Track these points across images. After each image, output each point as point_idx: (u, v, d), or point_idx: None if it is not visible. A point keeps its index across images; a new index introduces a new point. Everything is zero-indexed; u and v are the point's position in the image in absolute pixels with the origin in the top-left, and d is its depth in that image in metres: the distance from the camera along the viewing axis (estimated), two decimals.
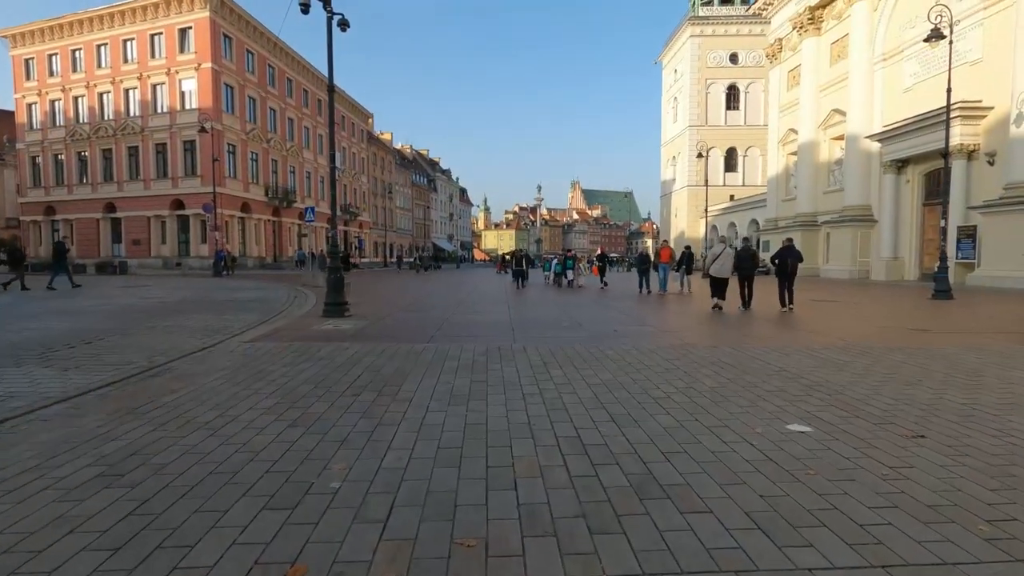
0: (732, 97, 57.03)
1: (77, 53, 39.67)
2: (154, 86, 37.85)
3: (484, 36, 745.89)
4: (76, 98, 40.15)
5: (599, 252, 28.76)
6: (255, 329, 8.57)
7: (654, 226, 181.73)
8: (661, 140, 67.16)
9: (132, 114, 38.61)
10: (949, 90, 16.43)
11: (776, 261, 12.75)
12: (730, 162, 57.19)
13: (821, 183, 33.33)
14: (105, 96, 39.36)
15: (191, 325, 9.03)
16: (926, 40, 16.52)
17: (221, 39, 37.25)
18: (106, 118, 39.35)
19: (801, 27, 33.88)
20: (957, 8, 23.65)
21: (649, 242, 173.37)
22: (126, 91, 38.61)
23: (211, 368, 5.72)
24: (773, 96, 39.80)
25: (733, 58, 56.38)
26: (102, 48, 38.93)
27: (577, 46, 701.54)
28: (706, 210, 35.23)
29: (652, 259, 18.01)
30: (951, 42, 16.59)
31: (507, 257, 24.66)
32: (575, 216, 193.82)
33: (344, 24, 10.21)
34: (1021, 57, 20.29)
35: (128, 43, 38.26)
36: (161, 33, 37.19)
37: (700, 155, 35.81)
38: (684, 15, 58.91)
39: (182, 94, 37.23)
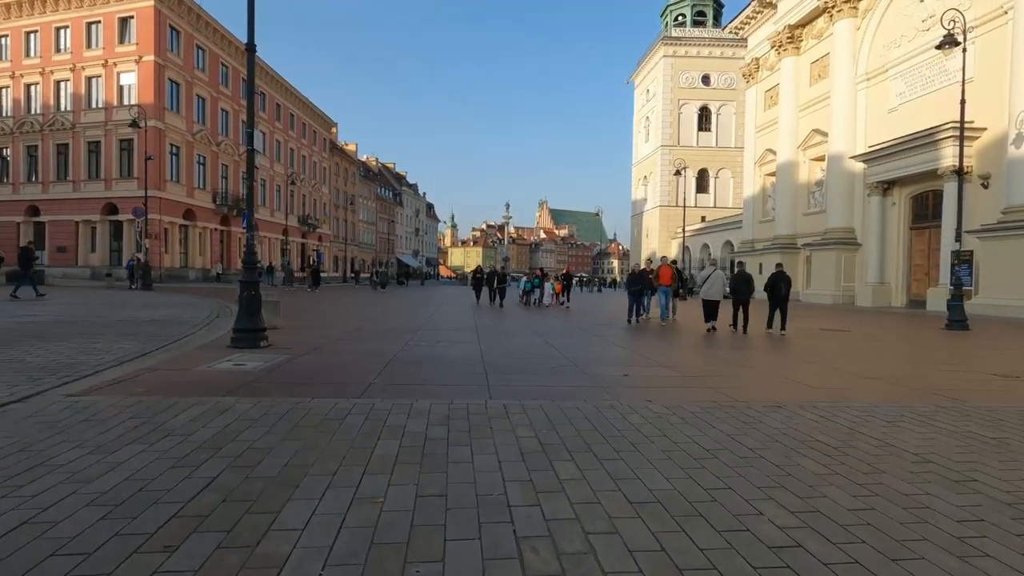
0: (704, 119, 56.74)
1: (2, 40, 35.89)
2: (89, 79, 34.39)
3: (455, 52, 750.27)
4: None
5: (564, 272, 27.25)
6: (119, 367, 5.99)
7: (620, 247, 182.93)
8: (632, 160, 66.52)
9: (63, 108, 34.97)
10: (963, 102, 15.09)
11: (767, 287, 12.62)
12: (702, 183, 56.62)
13: (801, 204, 32.35)
14: (33, 88, 35.59)
15: (28, 359, 6.36)
16: (938, 47, 15.28)
17: (167, 31, 34.20)
18: (33, 112, 35.55)
19: (780, 46, 33.17)
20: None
21: (615, 263, 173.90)
22: (57, 83, 34.99)
23: None
24: (750, 116, 39.05)
25: (705, 80, 56.18)
26: (31, 36, 35.31)
27: (547, 65, 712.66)
28: (683, 230, 33.79)
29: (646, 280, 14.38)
30: (965, 49, 15.33)
31: (478, 275, 22.18)
32: (543, 235, 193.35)
33: None
34: (1020, 76, 19.40)
35: (61, 31, 34.78)
36: (99, 21, 33.89)
37: (678, 172, 34.49)
38: (657, 36, 58.68)
39: (120, 88, 33.89)
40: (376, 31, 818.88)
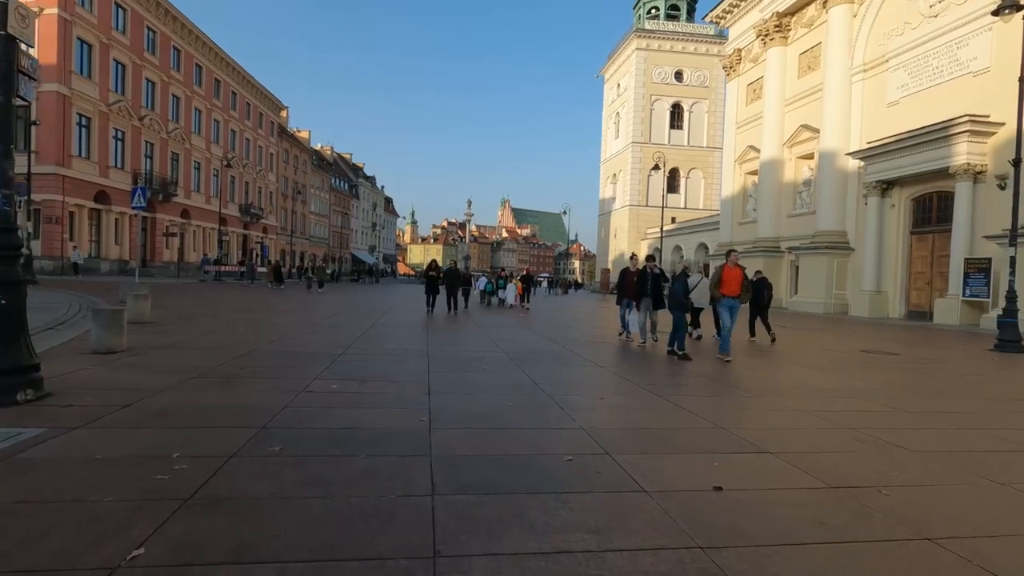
0: (676, 116, 54.65)
1: None
2: None
3: (416, 45, 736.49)
4: None
5: (524, 273, 25.75)
6: None
7: (583, 248, 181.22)
8: (600, 157, 64.08)
9: None
10: (1022, 78, 12.66)
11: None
12: (672, 183, 54.40)
13: (786, 206, 30.19)
14: None
15: None
16: (995, 13, 12.81)
17: None
18: None
19: (766, 35, 30.93)
20: (959, 11, 20.92)
21: (577, 263, 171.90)
22: None
23: None
24: (730, 111, 36.85)
25: (678, 76, 54.12)
26: None
27: (513, 60, 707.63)
28: (661, 229, 31.19)
29: (686, 287, 9.54)
30: None
31: (432, 273, 18.29)
32: (504, 234, 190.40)
33: None
34: None
35: None
36: None
37: (656, 167, 31.89)
38: (629, 28, 56.31)
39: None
40: (332, 21, 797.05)
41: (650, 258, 10.85)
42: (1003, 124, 19.10)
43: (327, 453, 3.39)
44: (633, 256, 12.47)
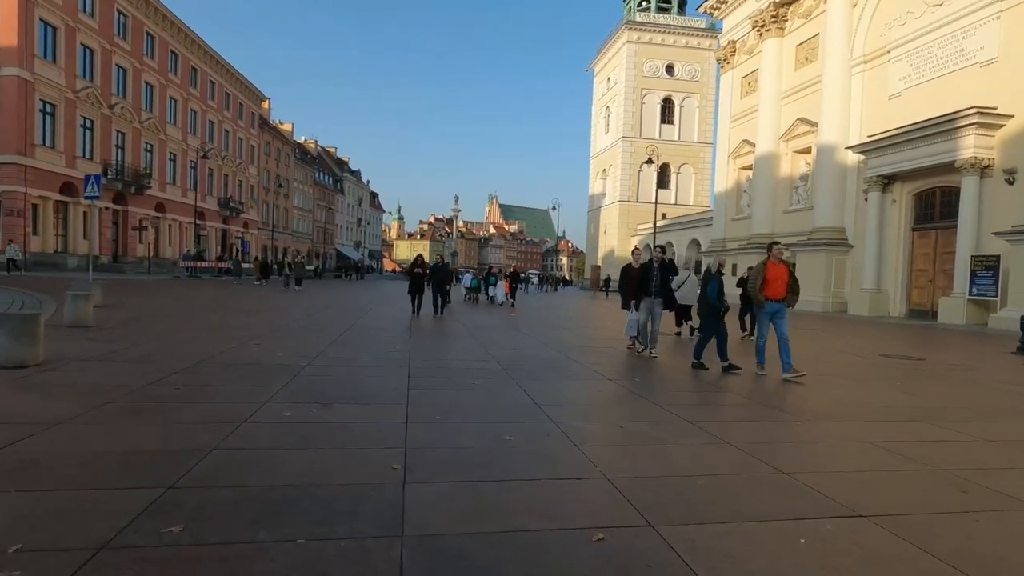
0: (667, 110, 53.87)
1: None
2: None
3: (405, 40, 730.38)
4: None
5: (512, 270, 25.54)
6: None
7: (570, 244, 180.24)
8: (590, 152, 63.16)
9: None
10: None
11: (741, 286, 11.00)
12: (663, 178, 53.61)
13: (781, 201, 29.46)
14: None
15: None
16: None
17: None
18: None
19: (762, 26, 30.13)
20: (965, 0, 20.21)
21: (564, 260, 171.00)
22: None
23: None
24: (724, 104, 36.06)
25: (669, 69, 53.31)
26: None
27: (503, 56, 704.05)
28: (654, 224, 30.34)
29: (721, 288, 7.98)
30: None
31: (417, 269, 16.82)
32: (492, 230, 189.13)
33: None
34: None
35: None
36: None
37: (649, 160, 30.98)
38: (620, 21, 55.34)
39: None
40: (320, 17, 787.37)
41: (660, 249, 9.75)
42: (1012, 116, 18.44)
43: (249, 537, 2.32)
44: (635, 250, 11.45)
